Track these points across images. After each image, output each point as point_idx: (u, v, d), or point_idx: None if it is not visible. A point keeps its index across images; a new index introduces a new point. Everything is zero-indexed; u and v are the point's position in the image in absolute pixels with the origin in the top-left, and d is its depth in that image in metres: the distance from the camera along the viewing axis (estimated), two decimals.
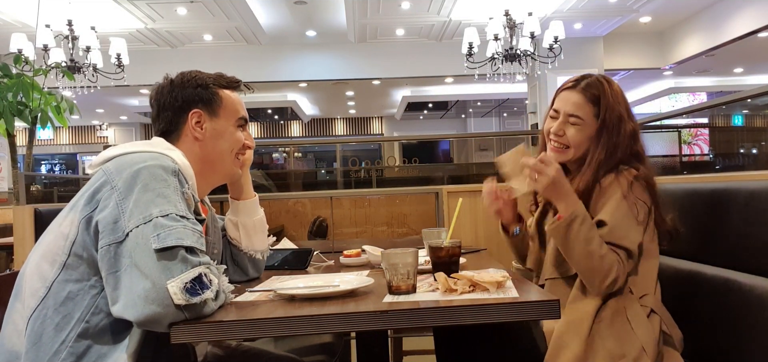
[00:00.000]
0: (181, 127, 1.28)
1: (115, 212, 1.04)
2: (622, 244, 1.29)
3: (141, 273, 0.98)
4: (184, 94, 1.28)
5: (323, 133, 16.12)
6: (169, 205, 1.05)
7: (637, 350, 1.27)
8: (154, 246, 0.99)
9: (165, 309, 0.96)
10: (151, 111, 1.32)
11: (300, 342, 1.70)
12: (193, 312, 0.98)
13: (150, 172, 1.08)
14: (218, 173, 1.34)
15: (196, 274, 0.99)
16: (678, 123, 12.45)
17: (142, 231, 1.00)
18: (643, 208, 1.32)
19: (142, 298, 0.96)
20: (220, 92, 1.31)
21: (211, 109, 1.29)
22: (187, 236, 1.02)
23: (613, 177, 1.34)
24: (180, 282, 0.97)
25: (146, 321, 0.97)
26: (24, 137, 6.44)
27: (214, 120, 1.29)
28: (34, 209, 2.66)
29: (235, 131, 1.32)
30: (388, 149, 11.62)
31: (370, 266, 1.53)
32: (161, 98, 1.29)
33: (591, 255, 1.28)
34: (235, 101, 1.34)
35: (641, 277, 1.36)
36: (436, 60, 8.77)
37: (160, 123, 1.29)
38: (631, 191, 1.32)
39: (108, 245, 1.02)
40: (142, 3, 6.89)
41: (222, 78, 1.34)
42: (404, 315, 0.97)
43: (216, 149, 1.30)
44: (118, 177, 1.07)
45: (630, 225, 1.30)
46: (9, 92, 4.20)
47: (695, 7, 8.05)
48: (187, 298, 0.96)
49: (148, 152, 1.15)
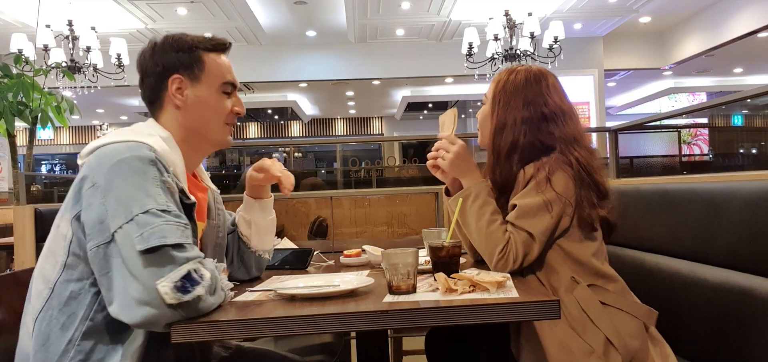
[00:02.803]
0: (162, 95, 1.22)
1: (100, 212, 1.01)
2: (524, 227, 1.32)
3: (130, 274, 0.96)
4: (165, 59, 1.21)
5: (323, 133, 16.12)
6: (149, 199, 1.01)
7: (602, 343, 1.27)
8: (139, 248, 0.97)
9: (158, 310, 0.94)
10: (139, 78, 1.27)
11: (300, 342, 1.70)
12: (188, 310, 0.96)
13: (128, 165, 1.04)
14: (206, 142, 1.27)
15: (185, 272, 0.97)
16: (678, 123, 12.46)
17: (126, 231, 0.98)
18: (559, 202, 1.32)
19: (134, 300, 0.95)
20: (203, 56, 1.23)
21: (192, 74, 1.22)
22: (171, 232, 0.99)
23: (534, 168, 1.35)
24: (170, 282, 0.95)
25: (142, 323, 0.96)
26: (24, 137, 6.44)
27: (195, 86, 1.22)
28: (34, 210, 2.67)
29: (220, 98, 1.25)
30: (388, 149, 11.63)
31: (370, 266, 1.53)
32: (144, 64, 1.23)
33: (480, 230, 1.34)
34: (221, 64, 1.26)
35: (580, 263, 1.35)
36: (436, 60, 8.76)
37: (143, 90, 1.23)
38: (549, 184, 1.32)
39: (96, 247, 1.01)
40: (142, 3, 6.89)
41: (207, 40, 1.25)
42: (404, 315, 0.97)
43: (199, 117, 1.23)
44: (99, 172, 1.04)
45: (537, 213, 1.32)
46: (9, 92, 4.20)
47: (695, 7, 8.04)
48: (178, 297, 0.94)
49: (126, 142, 1.10)
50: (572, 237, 1.36)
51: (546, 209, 1.32)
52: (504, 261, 1.30)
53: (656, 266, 1.60)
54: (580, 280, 1.34)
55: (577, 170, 1.34)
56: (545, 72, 1.47)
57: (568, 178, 1.34)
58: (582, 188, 1.34)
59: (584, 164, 1.36)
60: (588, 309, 1.30)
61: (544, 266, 1.37)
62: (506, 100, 1.43)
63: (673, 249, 1.56)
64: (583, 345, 1.27)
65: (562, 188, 1.33)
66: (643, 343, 1.30)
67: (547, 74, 1.47)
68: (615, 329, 1.28)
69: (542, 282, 1.35)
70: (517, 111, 1.41)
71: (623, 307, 1.33)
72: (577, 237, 1.36)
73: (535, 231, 1.31)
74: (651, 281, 1.60)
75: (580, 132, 1.43)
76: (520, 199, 1.35)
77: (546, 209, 1.32)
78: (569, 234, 1.36)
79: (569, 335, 1.29)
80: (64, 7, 5.92)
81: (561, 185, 1.33)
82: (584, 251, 1.36)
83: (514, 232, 1.32)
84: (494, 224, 1.33)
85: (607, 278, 1.37)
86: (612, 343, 1.27)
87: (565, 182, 1.33)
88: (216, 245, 1.35)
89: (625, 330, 1.29)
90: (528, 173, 1.37)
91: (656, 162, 10.86)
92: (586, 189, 1.35)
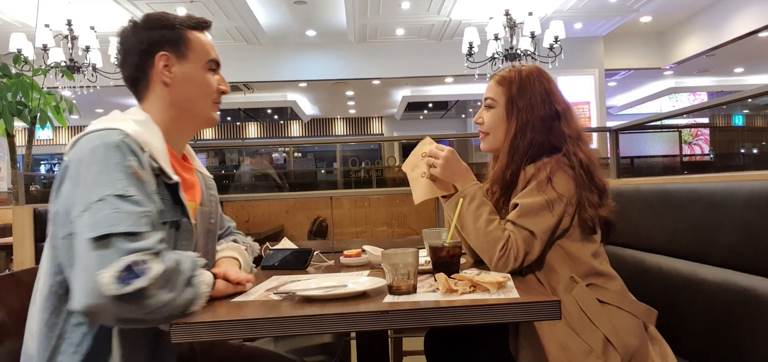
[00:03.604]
0: (148, 72, 1.20)
1: (67, 202, 1.01)
2: (526, 226, 1.32)
3: (80, 264, 0.95)
4: (150, 36, 1.20)
5: (323, 133, 16.12)
6: (106, 186, 0.99)
7: (601, 342, 1.27)
8: (88, 236, 0.94)
9: (100, 300, 0.91)
10: (117, 58, 1.24)
11: (300, 342, 1.70)
12: (132, 302, 0.92)
13: (94, 153, 1.03)
14: (193, 120, 1.26)
15: (126, 263, 0.92)
16: (678, 123, 12.46)
17: (82, 220, 0.97)
18: (560, 202, 1.32)
19: (81, 290, 0.93)
20: (188, 34, 1.23)
21: (179, 51, 1.21)
22: (121, 220, 0.96)
23: (534, 168, 1.36)
24: (112, 271, 0.91)
25: (87, 312, 0.93)
26: (23, 137, 6.44)
27: (182, 63, 1.21)
28: (33, 209, 2.66)
29: (206, 75, 1.25)
30: (388, 149, 11.62)
31: (370, 267, 1.53)
32: (126, 42, 1.21)
33: (478, 231, 1.34)
34: (205, 42, 1.25)
35: (580, 262, 1.36)
36: (436, 60, 8.76)
37: (126, 69, 1.22)
38: (550, 184, 1.33)
39: (64, 238, 1.00)
40: (141, 3, 6.89)
41: (190, 18, 1.25)
42: (404, 315, 0.97)
43: (187, 94, 1.22)
44: (74, 164, 1.04)
45: (539, 212, 1.32)
46: (8, 92, 4.20)
47: (695, 7, 8.04)
48: (118, 288, 0.90)
49: (97, 131, 1.09)
50: (572, 237, 1.36)
51: (548, 209, 1.32)
52: (505, 260, 1.30)
53: (656, 266, 1.59)
54: (579, 280, 1.33)
55: (578, 171, 1.35)
56: (544, 70, 1.49)
57: (568, 179, 1.34)
58: (583, 189, 1.34)
59: (585, 165, 1.36)
60: (586, 308, 1.30)
61: (543, 266, 1.37)
62: (526, 100, 1.42)
63: (673, 249, 1.56)
64: (581, 344, 1.27)
65: (564, 189, 1.33)
66: (643, 342, 1.30)
67: (547, 72, 1.48)
68: (613, 328, 1.28)
69: (541, 282, 1.35)
70: (538, 110, 1.41)
71: (622, 306, 1.33)
72: (577, 237, 1.36)
73: (536, 230, 1.31)
74: (651, 281, 1.59)
75: (582, 129, 1.45)
76: (522, 198, 1.34)
77: (548, 209, 1.32)
78: (569, 234, 1.36)
79: (568, 334, 1.28)
80: (64, 6, 5.92)
81: (562, 185, 1.33)
82: (584, 251, 1.36)
83: (515, 230, 1.32)
84: (492, 224, 1.33)
85: (606, 277, 1.37)
86: (611, 342, 1.27)
87: (566, 183, 1.33)
88: (207, 231, 1.31)
89: (623, 329, 1.29)
90: (528, 173, 1.37)
91: (657, 162, 10.87)
92: (586, 190, 1.35)
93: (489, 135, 1.49)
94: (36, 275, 1.12)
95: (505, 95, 1.45)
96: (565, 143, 1.38)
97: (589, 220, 1.34)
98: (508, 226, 1.33)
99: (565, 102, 1.45)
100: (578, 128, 1.43)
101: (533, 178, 1.35)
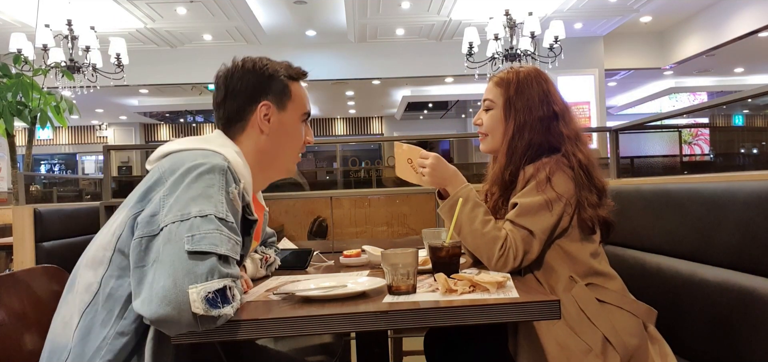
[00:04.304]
0: (248, 117, 1.23)
1: (155, 208, 1.01)
2: (525, 225, 1.32)
3: (165, 270, 0.93)
4: (256, 83, 1.23)
5: (323, 133, 16.12)
6: (210, 205, 1.00)
7: (600, 341, 1.27)
8: (187, 247, 0.94)
9: (180, 313, 0.91)
10: (216, 94, 1.25)
11: (300, 342, 1.70)
12: (206, 325, 0.93)
13: (197, 171, 1.04)
14: (277, 169, 1.29)
15: (222, 285, 0.94)
16: (678, 123, 12.46)
17: (178, 228, 0.97)
18: (559, 202, 1.33)
19: (160, 296, 0.91)
20: (290, 84, 1.27)
21: (280, 101, 1.25)
22: (223, 243, 0.97)
23: (534, 168, 1.36)
24: (203, 290, 0.91)
25: (158, 320, 0.92)
26: (23, 137, 6.45)
27: (281, 113, 1.25)
28: (33, 209, 2.66)
29: (300, 126, 1.28)
30: (388, 149, 11.62)
31: (370, 267, 1.53)
32: (231, 83, 1.23)
33: (475, 232, 1.33)
34: (303, 94, 1.30)
35: (579, 262, 1.36)
36: (436, 60, 8.77)
37: (225, 109, 1.23)
38: (549, 184, 1.33)
39: (141, 238, 0.99)
40: (141, 3, 6.89)
41: (292, 68, 1.29)
42: (404, 315, 0.97)
43: (280, 144, 1.25)
44: (171, 175, 1.05)
45: (538, 211, 1.32)
46: (8, 92, 4.21)
47: (695, 7, 8.04)
48: (205, 308, 0.91)
49: (200, 150, 1.12)
50: (571, 237, 1.36)
51: (547, 208, 1.32)
52: (504, 259, 1.30)
53: (656, 266, 1.59)
54: (578, 279, 1.33)
55: (577, 171, 1.35)
56: (542, 71, 1.49)
57: (567, 179, 1.34)
58: (582, 189, 1.35)
59: (584, 165, 1.37)
60: (585, 307, 1.30)
61: (542, 265, 1.37)
62: (523, 101, 1.43)
63: (673, 249, 1.56)
64: (581, 343, 1.27)
65: (563, 189, 1.33)
66: (642, 342, 1.30)
67: (545, 73, 1.48)
68: (613, 327, 1.28)
69: (540, 282, 1.35)
70: (535, 110, 1.41)
71: (621, 305, 1.33)
72: (576, 237, 1.36)
73: (535, 229, 1.31)
74: (651, 281, 1.59)
75: (581, 130, 1.45)
76: (521, 198, 1.35)
77: (547, 208, 1.32)
78: (569, 234, 1.36)
79: (567, 334, 1.28)
80: (64, 6, 5.92)
81: (561, 185, 1.33)
82: (583, 251, 1.36)
83: (514, 229, 1.32)
84: (488, 224, 1.33)
85: (606, 277, 1.37)
86: (610, 342, 1.27)
87: (565, 183, 1.34)
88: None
89: (623, 329, 1.29)
90: (527, 173, 1.37)
91: (657, 162, 10.86)
92: (585, 190, 1.35)
93: (488, 136, 1.50)
94: (52, 273, 1.10)
95: (503, 96, 1.46)
96: (564, 144, 1.39)
97: (589, 220, 1.34)
98: (506, 225, 1.34)
99: (563, 103, 1.45)
100: (577, 129, 1.43)
101: (532, 178, 1.35)
